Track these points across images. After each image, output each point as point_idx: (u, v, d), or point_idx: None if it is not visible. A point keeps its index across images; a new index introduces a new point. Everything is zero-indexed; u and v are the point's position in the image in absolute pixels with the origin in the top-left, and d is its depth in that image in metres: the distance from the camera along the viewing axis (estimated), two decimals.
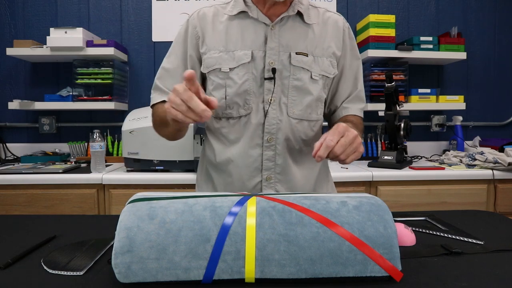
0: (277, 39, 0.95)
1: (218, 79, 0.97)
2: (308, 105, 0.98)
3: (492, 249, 0.72)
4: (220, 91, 0.97)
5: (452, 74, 2.48)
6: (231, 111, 0.97)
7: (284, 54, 0.95)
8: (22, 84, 2.33)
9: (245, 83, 0.95)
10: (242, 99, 0.96)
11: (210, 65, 0.97)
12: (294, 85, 0.96)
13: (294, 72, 0.96)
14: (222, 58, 0.96)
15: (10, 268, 0.64)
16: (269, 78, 0.94)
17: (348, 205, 0.60)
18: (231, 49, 0.96)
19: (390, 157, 1.94)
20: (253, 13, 0.96)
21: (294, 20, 0.98)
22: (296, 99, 0.97)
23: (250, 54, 0.94)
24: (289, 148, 0.98)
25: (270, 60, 0.95)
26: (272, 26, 0.95)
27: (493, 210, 1.80)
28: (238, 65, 0.95)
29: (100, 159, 1.77)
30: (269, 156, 0.97)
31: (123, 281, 0.56)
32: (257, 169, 0.98)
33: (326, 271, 0.56)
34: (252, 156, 0.97)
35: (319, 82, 0.98)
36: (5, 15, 2.30)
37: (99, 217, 1.03)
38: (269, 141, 0.96)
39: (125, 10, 2.34)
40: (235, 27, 0.97)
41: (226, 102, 0.96)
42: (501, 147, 2.07)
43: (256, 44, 0.95)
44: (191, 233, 0.56)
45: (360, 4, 2.39)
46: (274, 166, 0.98)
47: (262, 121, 0.96)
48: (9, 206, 1.69)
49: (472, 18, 2.46)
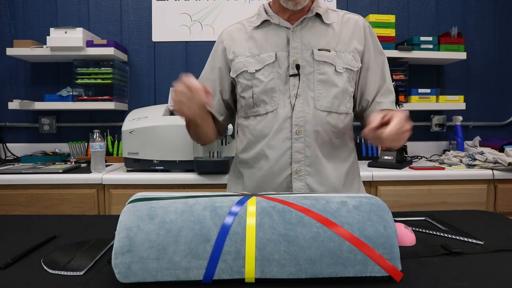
0: (299, 39, 1.00)
1: (245, 80, 1.02)
2: (335, 96, 1.00)
3: (492, 249, 0.72)
4: (248, 91, 1.03)
5: (452, 74, 2.48)
6: (258, 109, 1.02)
7: (306, 52, 1.00)
8: (22, 84, 2.33)
9: (271, 81, 1.00)
10: (268, 96, 1.00)
11: (238, 69, 1.03)
12: (319, 79, 0.99)
13: (318, 67, 0.99)
14: (248, 61, 1.02)
15: (10, 268, 0.64)
16: (294, 75, 0.99)
17: (348, 205, 0.60)
18: (256, 54, 1.02)
19: (390, 157, 1.94)
20: (274, 20, 1.02)
21: (314, 21, 1.02)
22: (322, 92, 0.99)
23: (274, 55, 1.00)
24: (318, 140, 1.00)
25: (294, 58, 0.99)
26: (293, 28, 1.00)
27: (493, 210, 1.80)
28: (263, 66, 1.00)
29: (100, 159, 1.77)
30: (299, 148, 0.99)
31: (123, 281, 0.56)
32: (287, 162, 1.00)
33: (326, 271, 0.56)
34: (281, 149, 1.00)
35: (344, 75, 1.01)
36: (5, 15, 2.30)
37: (99, 217, 1.03)
38: (298, 133, 0.99)
39: (125, 10, 2.34)
40: (259, 34, 1.04)
41: (253, 100, 1.02)
42: (501, 147, 2.07)
43: (279, 46, 1.01)
44: (191, 233, 0.56)
45: (360, 4, 2.39)
46: (304, 159, 0.99)
47: (290, 114, 0.99)
48: (9, 206, 1.69)
49: (472, 18, 2.46)
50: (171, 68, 2.35)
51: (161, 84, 2.35)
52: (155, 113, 1.84)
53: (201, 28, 2.32)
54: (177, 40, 2.33)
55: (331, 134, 1.01)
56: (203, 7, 2.32)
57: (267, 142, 1.01)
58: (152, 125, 1.74)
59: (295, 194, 0.66)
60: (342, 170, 1.05)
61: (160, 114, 1.82)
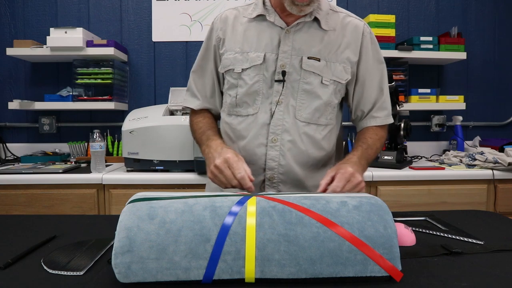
0: (291, 43, 0.98)
1: (231, 79, 1.02)
2: (317, 109, 0.99)
3: (492, 249, 0.72)
4: (233, 90, 1.02)
5: (452, 74, 2.48)
6: (240, 110, 1.01)
7: (296, 58, 0.97)
8: (22, 84, 2.33)
9: (255, 84, 0.98)
10: (251, 99, 0.99)
11: (226, 66, 1.02)
12: (304, 89, 0.98)
13: (304, 76, 0.97)
14: (236, 59, 1.00)
15: (10, 268, 0.64)
16: (279, 81, 0.97)
17: (348, 205, 0.60)
18: (246, 51, 0.99)
19: (390, 157, 1.94)
20: (270, 16, 0.99)
21: (310, 26, 0.99)
22: (304, 102, 0.98)
23: (263, 56, 0.98)
24: (294, 150, 0.99)
25: (282, 63, 0.97)
26: (287, 30, 0.98)
27: (493, 210, 1.80)
28: (250, 66, 0.98)
29: (100, 159, 1.77)
30: (273, 156, 0.98)
31: (123, 281, 0.56)
32: (261, 168, 1.00)
33: (326, 271, 0.56)
34: (256, 155, 0.99)
35: (330, 87, 0.99)
36: (5, 15, 2.30)
37: (99, 217, 1.03)
38: (273, 141, 0.98)
39: (125, 10, 2.34)
40: (252, 29, 1.01)
41: (236, 101, 1.01)
42: (501, 147, 2.07)
43: (269, 47, 0.98)
44: (191, 233, 0.56)
45: (360, 4, 2.39)
46: (277, 166, 0.99)
47: (268, 121, 0.98)
48: (9, 206, 1.69)
49: (472, 18, 2.46)
50: (171, 68, 2.35)
51: (161, 84, 2.35)
52: (155, 113, 1.84)
53: (201, 28, 2.32)
54: (177, 40, 2.33)
55: (308, 144, 1.00)
56: (203, 7, 2.32)
57: (243, 145, 1.01)
58: (152, 125, 1.74)
59: (295, 194, 0.66)
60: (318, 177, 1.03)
61: (160, 114, 1.82)
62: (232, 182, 0.83)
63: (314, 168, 1.03)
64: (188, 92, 1.12)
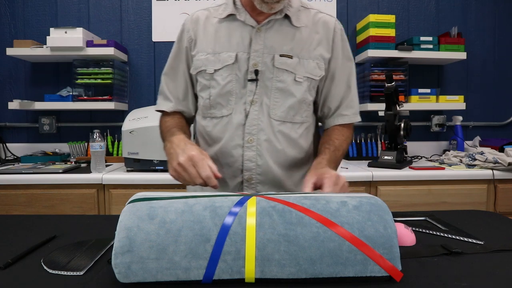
0: (262, 41, 0.96)
1: (204, 80, 1.00)
2: (291, 107, 0.98)
3: (492, 249, 0.72)
4: (206, 91, 1.00)
5: (452, 74, 2.48)
6: (214, 111, 1.00)
7: (268, 56, 0.96)
8: (22, 84, 2.33)
9: (228, 84, 0.97)
10: (225, 99, 0.98)
11: (197, 67, 1.01)
12: (277, 87, 0.97)
13: (277, 74, 0.96)
14: (208, 60, 0.98)
15: (10, 268, 0.64)
16: (252, 80, 0.96)
17: (348, 205, 0.60)
18: (218, 51, 0.98)
19: (390, 157, 1.94)
20: (241, 16, 0.98)
21: (282, 23, 0.98)
22: (278, 100, 0.97)
23: (234, 56, 0.96)
24: (271, 149, 0.98)
25: (254, 62, 0.96)
26: (258, 28, 0.96)
27: (493, 210, 1.80)
28: (222, 67, 0.97)
29: (100, 159, 1.77)
30: (250, 156, 0.97)
31: (123, 281, 0.56)
32: (238, 169, 0.99)
33: (326, 271, 0.56)
34: (233, 156, 0.98)
35: (303, 84, 0.98)
36: (5, 15, 2.30)
37: (99, 217, 1.03)
38: (249, 141, 0.97)
39: (125, 10, 2.34)
40: (223, 29, 0.99)
41: (210, 102, 1.00)
42: (501, 147, 2.07)
43: (241, 46, 0.97)
44: (191, 233, 0.56)
45: (360, 4, 2.39)
46: (255, 167, 0.98)
47: (243, 122, 0.97)
48: (9, 206, 1.69)
49: (472, 18, 2.46)
50: None
51: None
52: (155, 113, 1.83)
53: None
54: None
55: (284, 143, 0.99)
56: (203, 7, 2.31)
57: (219, 147, 1.00)
58: (152, 125, 1.74)
59: (295, 194, 0.66)
60: (297, 177, 1.04)
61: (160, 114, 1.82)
62: (197, 181, 0.81)
63: (293, 167, 1.02)
64: (160, 96, 1.10)
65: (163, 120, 1.09)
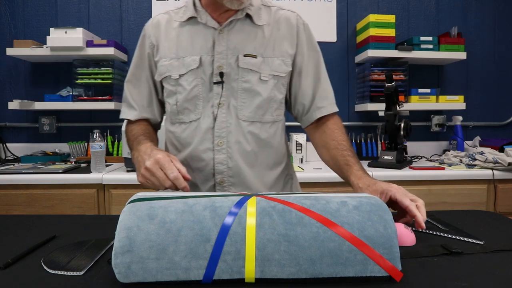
0: (225, 43, 0.96)
1: (169, 86, 0.99)
2: (259, 106, 0.97)
3: (492, 249, 0.72)
4: (172, 97, 0.99)
5: (452, 74, 2.48)
6: (183, 117, 0.99)
7: (232, 57, 0.95)
8: (22, 84, 2.33)
9: (194, 88, 0.96)
10: (192, 104, 0.97)
11: (162, 73, 0.99)
12: (243, 88, 0.96)
13: (242, 74, 0.96)
14: (172, 65, 0.97)
15: (10, 268, 0.64)
16: (218, 82, 0.95)
17: (348, 205, 0.60)
18: (181, 56, 0.97)
19: (390, 157, 1.94)
20: (202, 18, 0.96)
21: (243, 23, 0.97)
22: (246, 101, 0.96)
23: (198, 59, 0.95)
24: (241, 151, 0.97)
25: (218, 64, 0.95)
26: (220, 30, 0.96)
27: (493, 210, 1.80)
28: (187, 72, 0.96)
29: (100, 159, 1.77)
30: (221, 159, 0.97)
31: (123, 281, 0.56)
32: (210, 173, 0.98)
33: (326, 271, 0.56)
34: (203, 160, 0.97)
35: (269, 82, 0.97)
36: (5, 15, 2.30)
37: (99, 217, 1.03)
38: (219, 144, 0.96)
39: (125, 10, 2.34)
40: (185, 33, 0.98)
41: (177, 108, 0.99)
42: (501, 147, 2.07)
43: (204, 49, 0.96)
44: (191, 233, 0.56)
45: (360, 4, 2.39)
46: (226, 170, 0.97)
47: (212, 125, 0.96)
48: (9, 206, 1.69)
49: (472, 18, 2.46)
50: None
51: None
52: None
53: None
54: None
55: (254, 144, 0.98)
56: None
57: (190, 152, 0.99)
58: None
59: (295, 194, 0.66)
60: (270, 177, 1.02)
61: None
62: (166, 183, 0.78)
63: (265, 168, 1.01)
64: (124, 103, 1.08)
65: (128, 128, 1.06)
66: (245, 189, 0.99)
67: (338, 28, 2.38)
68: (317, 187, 1.75)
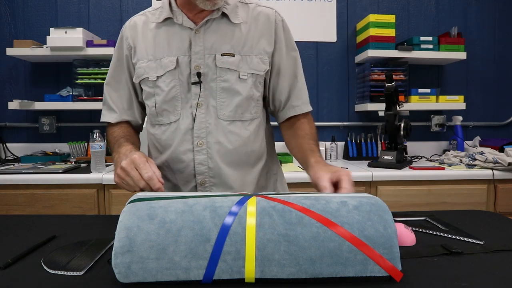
0: (202, 43, 0.95)
1: (147, 88, 0.99)
2: (238, 105, 0.97)
3: (492, 249, 0.72)
4: (151, 99, 0.99)
5: (452, 74, 2.48)
6: (162, 118, 0.99)
7: (209, 57, 0.95)
8: (22, 84, 2.33)
9: (172, 90, 0.96)
10: (171, 105, 0.97)
11: (140, 75, 0.99)
12: (222, 87, 0.96)
13: (220, 74, 0.95)
14: (149, 67, 0.97)
15: (10, 268, 0.64)
16: (195, 83, 0.95)
17: (348, 205, 0.60)
18: (158, 57, 0.96)
19: (390, 157, 1.94)
20: (178, 18, 0.96)
21: (220, 22, 0.97)
22: (225, 100, 0.96)
23: (175, 60, 0.95)
24: (221, 151, 0.97)
25: (196, 64, 0.95)
26: (197, 30, 0.95)
27: (493, 210, 1.80)
28: (165, 73, 0.95)
29: (100, 159, 1.77)
30: (201, 160, 0.97)
31: (123, 281, 0.56)
32: (191, 174, 0.98)
33: (326, 271, 0.56)
34: (184, 161, 0.97)
35: (248, 80, 0.97)
36: (5, 15, 2.30)
37: (99, 217, 1.03)
38: (199, 145, 0.96)
39: (125, 10, 2.34)
40: (162, 34, 0.97)
41: (156, 110, 0.98)
42: (501, 147, 2.07)
43: (181, 50, 0.95)
44: (191, 233, 0.56)
45: (360, 4, 2.39)
46: (207, 170, 0.97)
47: (191, 126, 0.96)
48: (9, 206, 1.69)
49: (472, 18, 2.46)
50: None
51: None
52: None
53: None
54: None
55: (235, 142, 0.98)
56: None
57: (170, 154, 0.99)
58: None
59: (295, 194, 0.66)
60: (252, 176, 1.02)
61: None
62: (140, 183, 0.77)
63: (246, 166, 1.01)
64: (104, 106, 1.07)
65: (110, 131, 1.05)
66: (227, 189, 0.98)
67: (338, 28, 2.38)
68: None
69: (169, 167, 1.00)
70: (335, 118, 2.42)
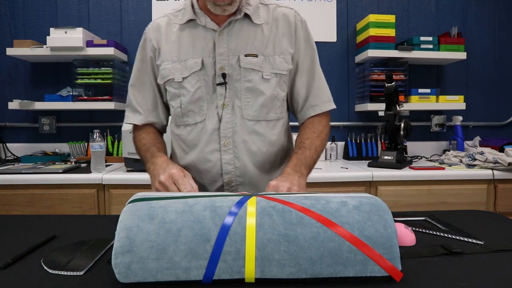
0: (226, 44, 0.96)
1: (172, 89, 0.99)
2: (263, 105, 0.98)
3: (492, 249, 0.72)
4: (176, 100, 1.00)
5: (452, 74, 2.48)
6: (188, 119, 0.99)
7: (233, 57, 0.96)
8: (22, 84, 2.33)
9: (198, 90, 0.97)
10: (197, 106, 0.98)
11: (165, 76, 1.00)
12: (246, 87, 0.97)
13: (244, 74, 0.96)
14: (175, 68, 0.98)
15: (10, 268, 0.64)
16: (221, 84, 0.96)
17: (348, 205, 0.60)
18: (183, 59, 0.97)
19: (390, 157, 1.94)
20: (201, 20, 0.97)
21: (242, 23, 0.97)
22: (249, 100, 0.97)
23: (200, 62, 0.96)
24: (248, 150, 0.98)
25: (220, 65, 0.96)
26: (220, 31, 0.96)
27: (493, 210, 1.80)
28: (190, 74, 0.96)
29: (100, 159, 1.77)
30: (228, 159, 0.98)
31: (123, 281, 0.56)
32: (217, 173, 0.99)
33: (326, 271, 0.56)
34: (211, 161, 0.98)
35: (272, 80, 0.98)
36: (5, 15, 2.30)
37: (99, 217, 1.03)
38: (226, 145, 0.97)
39: (125, 10, 2.34)
40: (186, 36, 0.98)
41: (181, 110, 0.99)
42: (501, 147, 2.07)
43: (205, 51, 0.96)
44: (191, 233, 0.56)
45: (360, 4, 2.39)
46: (234, 169, 0.98)
47: (218, 126, 0.97)
48: (9, 206, 1.69)
49: (472, 18, 2.46)
50: None
51: None
52: None
53: None
54: None
55: (260, 143, 0.99)
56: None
57: (197, 154, 0.99)
58: None
59: (295, 194, 0.66)
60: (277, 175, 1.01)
61: None
62: None
63: (271, 166, 1.02)
64: (128, 108, 1.08)
65: (138, 136, 1.06)
66: (253, 188, 0.99)
67: (338, 28, 2.38)
68: (317, 187, 1.74)
69: (195, 167, 1.01)
70: (335, 118, 2.42)
